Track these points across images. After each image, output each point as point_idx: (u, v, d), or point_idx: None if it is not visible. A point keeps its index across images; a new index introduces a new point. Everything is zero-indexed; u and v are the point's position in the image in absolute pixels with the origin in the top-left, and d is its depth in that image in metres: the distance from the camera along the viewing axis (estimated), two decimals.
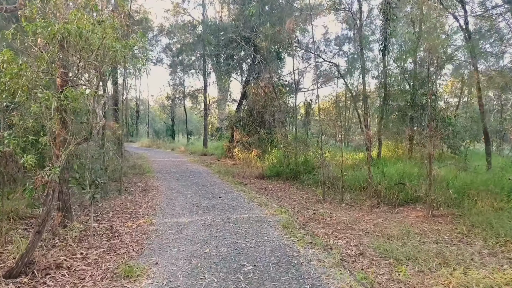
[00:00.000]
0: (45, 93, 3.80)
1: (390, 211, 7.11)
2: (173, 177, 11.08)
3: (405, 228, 5.72)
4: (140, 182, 10.23)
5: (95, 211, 6.85)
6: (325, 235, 5.43)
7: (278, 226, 5.58)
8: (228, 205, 7.16)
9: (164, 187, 9.27)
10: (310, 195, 8.66)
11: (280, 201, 7.96)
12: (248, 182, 10.32)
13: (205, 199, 7.72)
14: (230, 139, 17.63)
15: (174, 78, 29.01)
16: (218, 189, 8.97)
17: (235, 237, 5.02)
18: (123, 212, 6.71)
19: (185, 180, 10.46)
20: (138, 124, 45.85)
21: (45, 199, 4.03)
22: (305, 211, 6.99)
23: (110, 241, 5.01)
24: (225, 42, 14.51)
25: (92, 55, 4.58)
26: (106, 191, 8.21)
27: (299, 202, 7.82)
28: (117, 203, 7.45)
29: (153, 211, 6.74)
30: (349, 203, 7.67)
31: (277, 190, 9.33)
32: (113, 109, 15.77)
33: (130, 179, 10.88)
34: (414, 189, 7.31)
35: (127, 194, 8.44)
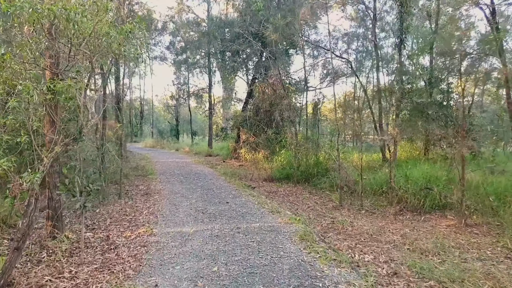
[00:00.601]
0: (24, 85, 3.19)
1: (415, 219, 6.43)
2: (177, 180, 10.47)
3: (439, 241, 5.04)
4: (142, 185, 9.63)
5: (91, 218, 6.26)
6: (349, 248, 4.77)
7: (295, 238, 4.92)
8: (237, 211, 6.52)
9: (167, 191, 8.66)
10: (325, 200, 8.00)
11: (293, 207, 7.31)
12: (257, 185, 9.68)
13: (211, 205, 7.08)
14: (236, 140, 17.01)
15: (179, 77, 28.45)
16: (225, 193, 8.33)
17: (247, 252, 4.37)
18: (122, 220, 6.10)
19: (190, 183, 9.84)
20: (142, 124, 45.44)
21: (25, 210, 3.42)
22: (322, 219, 6.33)
23: (105, 255, 4.40)
24: (231, 37, 13.87)
25: (83, 43, 3.97)
26: (105, 195, 7.61)
27: (314, 209, 7.16)
28: (116, 208, 6.84)
29: (154, 218, 6.12)
30: (369, 210, 7.00)
31: (288, 194, 8.68)
32: (115, 108, 15.22)
33: (131, 181, 10.29)
34: (443, 195, 6.62)
35: (127, 198, 7.83)
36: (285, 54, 14.24)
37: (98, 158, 7.65)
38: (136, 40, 4.36)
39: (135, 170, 12.52)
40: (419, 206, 6.78)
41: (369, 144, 15.47)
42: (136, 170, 12.57)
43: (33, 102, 3.39)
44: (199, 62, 25.60)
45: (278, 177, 10.67)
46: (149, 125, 45.16)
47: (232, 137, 27.51)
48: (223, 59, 17.16)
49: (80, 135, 3.81)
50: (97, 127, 7.36)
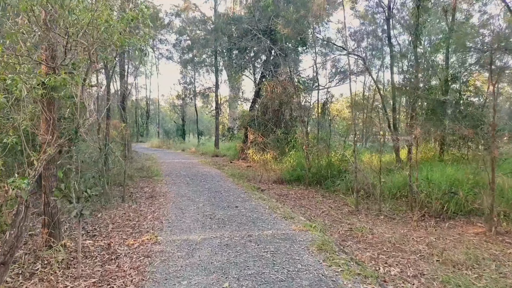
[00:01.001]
0: (10, 78, 2.81)
1: (439, 226, 5.96)
2: (183, 181, 10.09)
3: (470, 251, 4.58)
4: (147, 187, 9.26)
5: (92, 223, 5.89)
6: (372, 259, 4.33)
7: (312, 248, 4.49)
8: (247, 217, 6.11)
9: (173, 193, 8.27)
10: (340, 204, 7.55)
11: (306, 212, 6.88)
12: (266, 188, 9.26)
13: (219, 209, 6.68)
14: (243, 140, 16.60)
15: (185, 77, 28.13)
16: (233, 196, 7.92)
17: (260, 264, 3.95)
18: (125, 225, 5.72)
19: (196, 185, 9.45)
20: (148, 124, 45.29)
21: (13, 219, 3.04)
22: (338, 226, 5.89)
23: (105, 266, 4.01)
24: (239, 34, 13.46)
25: (81, 33, 3.59)
26: (108, 198, 7.25)
27: (328, 214, 6.72)
28: (119, 213, 6.47)
29: (159, 224, 5.73)
30: (388, 215, 6.54)
31: (299, 198, 8.25)
32: (120, 107, 14.91)
33: (136, 183, 9.93)
34: (469, 200, 6.14)
35: (131, 201, 7.46)
36: (295, 52, 13.79)
37: (101, 159, 7.28)
38: (140, 31, 3.96)
39: (140, 171, 12.18)
40: (441, 212, 6.31)
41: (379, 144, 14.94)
42: (141, 171, 12.22)
43: (23, 99, 3.02)
44: (206, 61, 25.25)
45: (288, 179, 10.24)
46: (155, 125, 44.99)
47: (238, 137, 27.13)
48: (230, 57, 16.74)
49: (76, 135, 3.42)
50: (99, 126, 7.01)
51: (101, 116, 7.50)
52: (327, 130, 10.76)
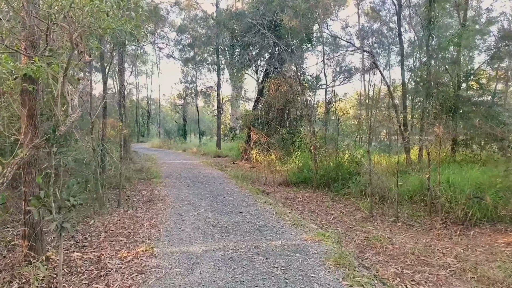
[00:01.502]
0: None
1: (464, 234, 5.42)
2: (183, 184, 9.57)
3: (508, 266, 4.04)
4: (146, 190, 8.75)
5: (83, 231, 5.38)
6: (396, 276, 3.80)
7: (329, 262, 3.96)
8: (253, 224, 5.58)
9: (173, 197, 7.75)
10: (351, 209, 7.01)
11: (316, 218, 6.34)
12: (271, 191, 8.72)
13: (222, 215, 6.15)
14: (246, 140, 16.07)
15: (186, 75, 27.63)
16: (237, 200, 7.40)
17: (271, 284, 3.42)
18: (119, 234, 5.20)
19: (198, 188, 8.93)
20: (149, 124, 44.84)
21: None
22: (353, 234, 5.36)
23: (92, 285, 3.50)
24: (242, 29, 12.91)
25: (62, 15, 3.07)
26: (102, 203, 6.73)
27: (341, 220, 6.18)
28: (113, 219, 5.95)
29: (156, 232, 5.21)
30: (406, 222, 6.00)
31: (308, 202, 7.71)
32: (119, 105, 14.43)
33: (134, 185, 9.42)
34: (497, 205, 5.59)
35: (127, 206, 6.94)
36: (300, 49, 13.23)
37: (94, 161, 6.76)
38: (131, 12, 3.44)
39: (139, 173, 11.67)
40: (465, 218, 5.76)
41: (384, 144, 14.42)
42: (140, 173, 11.71)
43: None
44: (207, 59, 24.77)
45: (295, 181, 9.71)
46: (156, 125, 44.53)
47: (240, 137, 26.62)
48: (232, 55, 16.21)
49: (54, 135, 2.90)
50: (92, 126, 6.49)
51: (95, 114, 6.98)
52: (334, 129, 10.22)
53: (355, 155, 8.81)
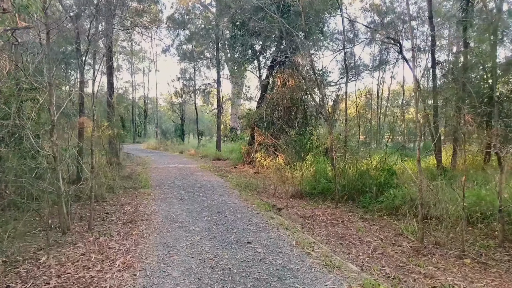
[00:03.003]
0: None
1: None
2: (176, 196, 7.97)
3: None
4: (130, 204, 7.15)
5: (27, 274, 3.78)
6: None
7: None
8: (268, 264, 3.98)
9: (161, 216, 6.15)
10: (391, 233, 5.41)
11: (349, 248, 4.74)
12: (284, 205, 7.12)
13: (224, 247, 4.55)
14: (249, 141, 14.48)
15: (184, 73, 26.00)
16: (242, 221, 5.79)
17: None
18: (77, 281, 3.60)
19: (193, 202, 7.33)
20: (146, 124, 43.30)
21: None
22: (409, 278, 3.76)
23: None
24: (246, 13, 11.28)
25: None
26: (66, 227, 5.14)
27: (384, 253, 4.58)
28: (76, 253, 4.35)
29: (130, 279, 3.61)
30: (476, 257, 4.39)
31: (331, 222, 6.11)
32: (107, 103, 12.83)
33: (117, 197, 7.83)
34: None
35: (101, 230, 5.34)
36: (311, 39, 11.63)
37: (55, 172, 5.13)
38: None
39: (126, 180, 10.08)
40: None
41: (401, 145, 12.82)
42: (128, 180, 10.13)
43: None
44: (206, 55, 23.19)
45: (309, 192, 8.12)
46: (153, 125, 42.93)
47: (241, 138, 25.04)
48: (234, 47, 14.58)
49: None
50: (53, 126, 4.88)
51: (59, 111, 5.36)
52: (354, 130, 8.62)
53: (387, 161, 7.21)
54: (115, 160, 11.94)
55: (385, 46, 11.55)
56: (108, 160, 11.39)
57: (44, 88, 5.13)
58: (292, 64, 12.69)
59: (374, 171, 7.45)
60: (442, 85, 9.62)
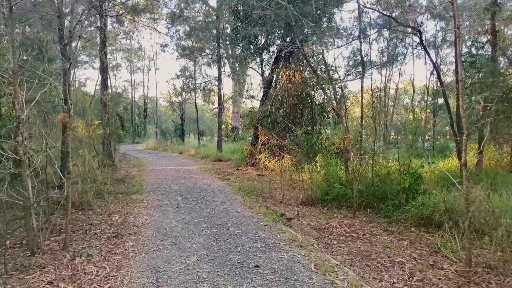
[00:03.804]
0: None
1: None
2: (172, 203, 7.10)
3: None
4: (118, 213, 6.28)
5: None
6: None
7: None
8: None
9: (153, 229, 5.28)
10: (423, 250, 4.53)
11: (379, 273, 3.85)
12: (294, 215, 6.23)
13: (226, 272, 3.68)
14: (252, 141, 13.60)
15: (184, 70, 25.12)
16: (248, 236, 4.92)
17: None
18: None
19: (191, 210, 6.46)
20: (146, 123, 42.51)
21: None
22: None
23: None
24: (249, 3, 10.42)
25: None
26: (37, 245, 4.27)
27: (423, 279, 3.69)
28: (40, 284, 3.48)
29: None
30: None
31: (351, 235, 5.23)
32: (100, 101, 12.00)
33: (106, 205, 6.97)
34: None
35: (79, 248, 4.47)
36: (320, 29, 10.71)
37: (24, 175, 4.25)
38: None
39: (119, 184, 9.24)
40: None
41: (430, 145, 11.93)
42: (121, 184, 9.29)
43: None
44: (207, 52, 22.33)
45: (321, 197, 7.24)
46: (153, 125, 42.10)
47: (243, 138, 24.16)
48: (236, 40, 13.69)
49: None
50: (18, 123, 4.01)
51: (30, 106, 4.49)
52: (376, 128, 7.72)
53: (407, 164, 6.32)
54: (108, 162, 11.08)
55: (402, 37, 10.67)
56: (101, 162, 10.55)
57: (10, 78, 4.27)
58: (299, 57, 11.83)
59: (396, 175, 6.56)
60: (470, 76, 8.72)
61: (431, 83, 21.83)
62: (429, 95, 21.47)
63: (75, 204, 6.72)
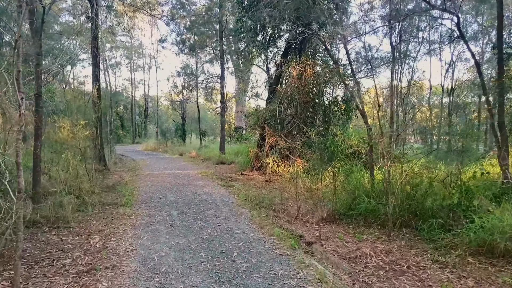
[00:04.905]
0: None
1: None
2: (165, 219, 5.94)
3: None
4: (99, 234, 5.13)
5: None
6: None
7: None
8: None
9: (136, 261, 4.11)
10: None
11: None
12: (315, 237, 5.05)
13: None
14: (257, 143, 12.42)
15: (185, 67, 23.99)
16: (261, 275, 3.74)
17: None
18: None
19: (188, 230, 5.29)
20: (146, 123, 41.47)
21: None
22: None
23: None
24: None
25: None
26: None
27: None
28: None
29: None
30: None
31: (393, 269, 4.04)
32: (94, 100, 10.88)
33: (88, 220, 5.83)
34: None
35: None
36: None
37: None
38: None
39: (109, 193, 8.11)
40: None
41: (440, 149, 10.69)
42: (110, 193, 8.16)
43: None
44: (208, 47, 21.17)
45: (344, 212, 6.06)
46: (154, 125, 41.02)
47: (247, 138, 22.97)
48: (240, 31, 12.52)
49: None
50: None
51: None
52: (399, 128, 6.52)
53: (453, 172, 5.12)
54: (98, 167, 9.95)
55: (435, 23, 9.46)
56: (91, 166, 9.42)
57: None
58: (310, 49, 10.66)
59: (439, 187, 5.37)
60: None
61: (446, 81, 20.63)
62: (447, 93, 20.23)
63: (49, 221, 5.60)
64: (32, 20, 5.48)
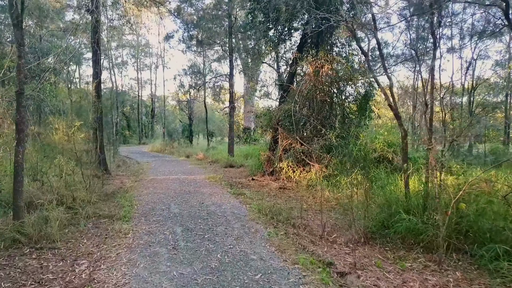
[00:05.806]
0: None
1: None
2: (167, 239, 5.07)
3: None
4: (87, 258, 4.29)
5: None
6: None
7: None
8: None
9: None
10: None
11: None
12: (348, 266, 4.13)
13: None
14: (270, 146, 11.51)
15: (193, 66, 23.20)
16: None
17: None
18: None
19: (193, 254, 4.41)
20: (153, 123, 40.87)
21: None
22: None
23: None
24: None
25: None
26: None
27: None
28: None
29: None
30: None
31: None
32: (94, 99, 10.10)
33: (77, 238, 5.00)
34: None
35: None
36: None
37: None
38: None
39: (107, 202, 7.30)
40: None
41: None
42: (109, 201, 7.34)
43: None
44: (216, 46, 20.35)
45: (379, 231, 5.13)
46: (161, 125, 40.40)
47: (256, 139, 22.08)
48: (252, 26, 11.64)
49: None
50: None
51: None
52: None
53: None
54: (97, 172, 9.16)
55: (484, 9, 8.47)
56: (91, 172, 8.65)
57: None
58: (328, 44, 9.74)
59: (499, 205, 4.41)
60: None
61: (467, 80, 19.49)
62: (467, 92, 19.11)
63: (32, 240, 4.78)
64: (11, 3, 4.67)
